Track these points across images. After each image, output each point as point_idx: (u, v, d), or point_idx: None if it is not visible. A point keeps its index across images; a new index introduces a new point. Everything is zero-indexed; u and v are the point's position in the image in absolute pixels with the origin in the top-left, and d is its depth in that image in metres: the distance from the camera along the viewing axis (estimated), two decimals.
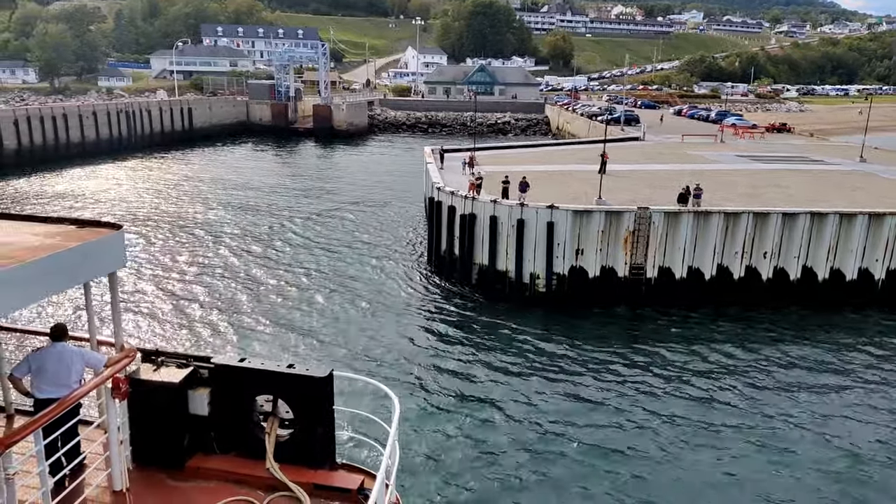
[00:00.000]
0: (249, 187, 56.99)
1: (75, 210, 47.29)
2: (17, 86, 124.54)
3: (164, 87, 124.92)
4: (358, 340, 25.90)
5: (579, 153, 50.51)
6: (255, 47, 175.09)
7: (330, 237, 40.65)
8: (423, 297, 30.78)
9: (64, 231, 7.10)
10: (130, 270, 33.91)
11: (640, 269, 28.87)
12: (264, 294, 30.60)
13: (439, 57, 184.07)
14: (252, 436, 7.77)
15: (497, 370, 23.72)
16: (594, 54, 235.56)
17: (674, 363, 24.38)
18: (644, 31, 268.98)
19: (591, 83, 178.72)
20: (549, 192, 32.52)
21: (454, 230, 31.12)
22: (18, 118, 63.76)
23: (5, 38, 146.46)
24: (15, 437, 5.72)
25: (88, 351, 7.56)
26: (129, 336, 24.22)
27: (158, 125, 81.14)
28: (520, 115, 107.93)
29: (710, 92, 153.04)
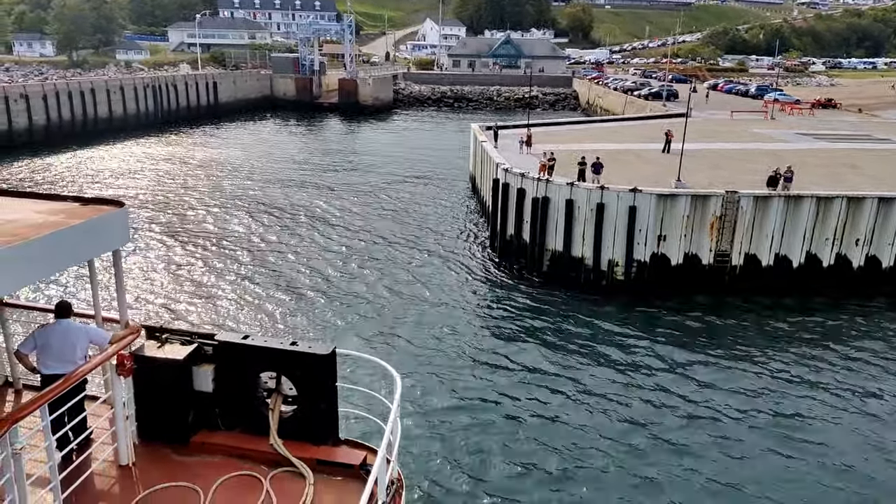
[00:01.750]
0: (279, 164, 55.66)
1: (101, 187, 46.27)
2: (34, 59, 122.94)
3: (183, 60, 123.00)
4: (414, 327, 24.80)
5: (633, 130, 48.79)
6: (272, 19, 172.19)
7: (369, 217, 39.36)
8: (487, 283, 29.51)
9: (68, 208, 7.08)
10: (144, 246, 33.42)
11: (725, 257, 27.45)
12: (299, 275, 29.57)
13: (458, 29, 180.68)
14: (256, 412, 7.77)
15: (567, 358, 22.66)
16: (614, 26, 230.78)
17: (758, 357, 23.01)
18: (664, 3, 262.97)
19: (614, 56, 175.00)
20: (617, 173, 31.06)
21: (523, 214, 29.69)
22: (47, 93, 62.40)
23: (21, 11, 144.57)
24: (22, 413, 5.76)
25: (93, 327, 7.61)
26: (135, 312, 24.28)
27: (184, 100, 79.63)
28: (547, 89, 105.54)
29: (736, 65, 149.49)
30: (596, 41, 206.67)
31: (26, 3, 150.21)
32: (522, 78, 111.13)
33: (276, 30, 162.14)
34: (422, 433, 18.35)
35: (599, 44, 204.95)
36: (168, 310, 26.15)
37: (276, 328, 24.88)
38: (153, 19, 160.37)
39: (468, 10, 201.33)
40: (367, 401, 13.39)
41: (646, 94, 75.45)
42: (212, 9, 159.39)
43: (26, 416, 5.82)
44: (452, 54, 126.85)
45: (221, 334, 8.12)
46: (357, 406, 13.03)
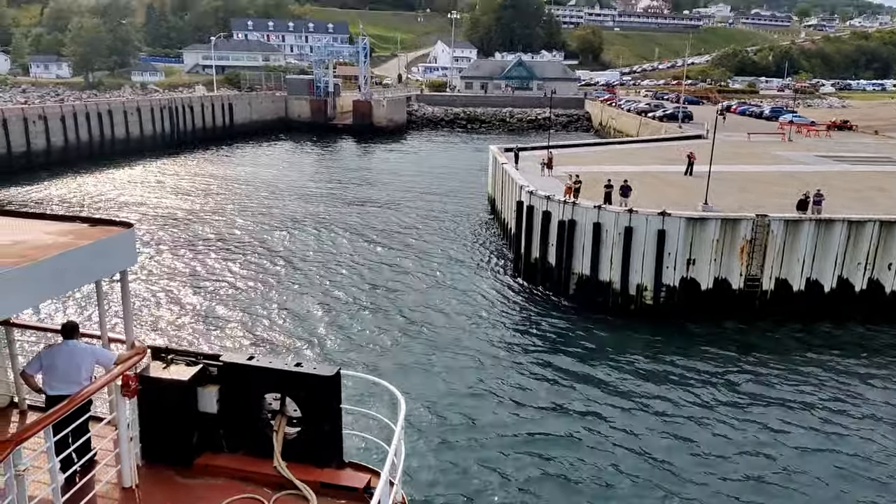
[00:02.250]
0: (294, 185, 55.77)
1: (115, 207, 46.41)
2: (51, 80, 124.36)
3: (197, 81, 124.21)
4: (431, 349, 24.55)
5: (651, 152, 48.63)
6: (286, 41, 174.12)
7: (385, 238, 39.28)
8: (510, 305, 29.18)
9: (76, 229, 7.12)
10: (152, 266, 33.46)
11: (755, 281, 27.06)
12: (312, 297, 29.35)
13: (469, 51, 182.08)
14: (260, 434, 7.71)
15: (594, 384, 22.31)
16: (623, 48, 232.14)
17: (790, 385, 22.55)
18: (672, 25, 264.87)
19: (624, 78, 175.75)
20: (641, 196, 30.80)
21: (549, 237, 29.46)
22: (65, 114, 62.91)
23: (38, 33, 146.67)
24: (26, 434, 5.74)
25: (99, 348, 7.55)
26: (141, 332, 24.11)
27: (200, 121, 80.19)
28: (559, 110, 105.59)
29: (746, 87, 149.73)
30: (606, 63, 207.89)
31: (43, 25, 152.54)
32: (534, 100, 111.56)
33: (289, 52, 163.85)
34: (428, 457, 17.98)
35: (609, 66, 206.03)
36: (175, 330, 26.07)
37: (286, 348, 24.72)
38: (168, 41, 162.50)
39: (479, 32, 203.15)
40: (371, 423, 13.45)
41: (660, 116, 75.43)
42: (226, 31, 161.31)
43: (30, 437, 5.79)
44: (465, 76, 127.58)
45: (226, 355, 8.04)
46: (361, 428, 12.73)
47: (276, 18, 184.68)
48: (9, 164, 57.00)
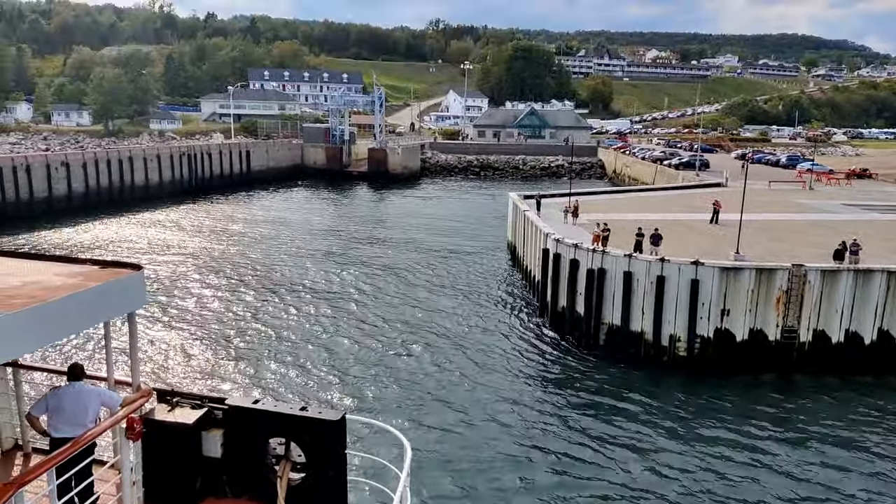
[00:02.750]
0: (310, 231, 55.66)
1: (131, 251, 46.44)
2: (72, 128, 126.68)
3: (214, 129, 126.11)
4: (452, 399, 23.88)
5: (672, 200, 48.27)
6: (301, 91, 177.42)
7: (402, 285, 38.85)
8: (536, 355, 28.41)
9: (86, 271, 7.17)
10: (162, 309, 33.31)
11: (792, 333, 26.26)
12: (326, 342, 28.72)
13: (480, 100, 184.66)
14: (264, 479, 7.57)
15: (624, 440, 21.40)
16: (633, 98, 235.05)
17: (830, 441, 21.57)
18: (681, 75, 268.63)
19: (635, 126, 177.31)
20: (669, 245, 30.24)
21: (577, 286, 28.88)
22: (87, 161, 63.60)
23: (61, 83, 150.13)
24: (28, 477, 5.74)
25: (105, 390, 7.52)
26: (148, 375, 24.51)
27: (218, 168, 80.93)
28: (573, 158, 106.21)
29: (758, 135, 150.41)
30: (615, 112, 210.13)
31: (66, 75, 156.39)
32: (547, 147, 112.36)
33: (304, 101, 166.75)
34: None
35: (619, 114, 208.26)
36: (181, 373, 25.82)
37: (294, 393, 24.24)
38: (186, 91, 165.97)
39: (490, 82, 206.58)
40: (376, 469, 13.00)
41: (676, 164, 75.43)
42: (243, 81, 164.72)
43: (32, 480, 5.75)
44: (478, 125, 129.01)
45: (232, 398, 7.94)
46: (367, 475, 12.62)
47: (292, 68, 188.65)
48: (30, 208, 57.41)
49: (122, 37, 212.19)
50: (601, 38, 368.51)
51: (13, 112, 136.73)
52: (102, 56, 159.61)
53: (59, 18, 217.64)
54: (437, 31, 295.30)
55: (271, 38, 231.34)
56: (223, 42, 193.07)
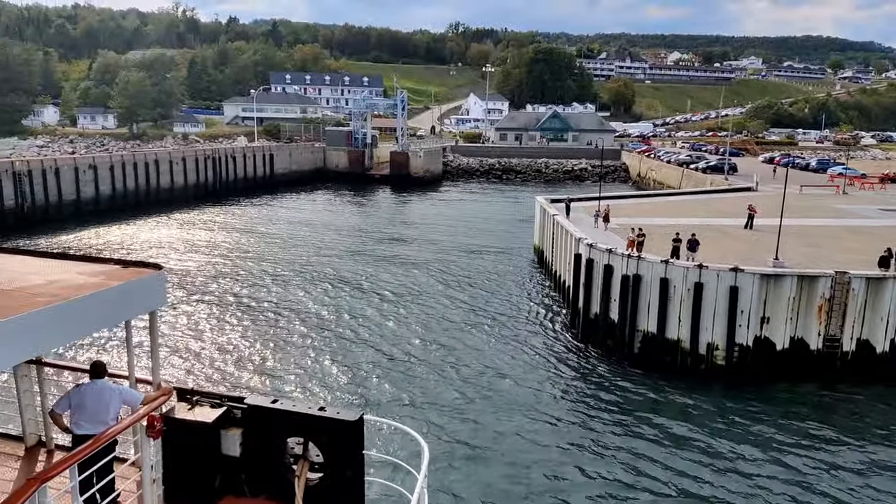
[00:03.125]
0: (334, 233, 55.51)
1: (154, 252, 46.66)
2: (97, 131, 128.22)
3: (237, 132, 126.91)
4: (479, 407, 23.38)
5: (703, 204, 47.45)
6: (322, 94, 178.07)
7: (426, 288, 38.51)
8: (566, 363, 27.84)
9: (108, 271, 7.25)
10: (183, 309, 33.57)
11: (835, 342, 25.48)
12: (348, 344, 28.34)
13: (501, 103, 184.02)
14: (282, 478, 7.59)
15: (660, 451, 20.80)
16: (655, 100, 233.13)
17: (874, 454, 20.78)
18: (704, 78, 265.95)
19: (658, 129, 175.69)
20: (704, 250, 29.60)
21: (610, 292, 28.31)
22: (114, 164, 64.08)
23: (86, 86, 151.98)
24: (51, 473, 5.76)
25: (126, 388, 7.60)
26: (168, 373, 24.39)
27: (242, 171, 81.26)
28: (596, 161, 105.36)
29: (784, 138, 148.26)
30: (637, 115, 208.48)
31: (91, 79, 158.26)
32: (570, 151, 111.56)
33: (325, 104, 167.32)
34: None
35: (641, 117, 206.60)
36: (201, 372, 25.85)
37: (313, 394, 24.05)
38: (209, 94, 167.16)
39: (510, 85, 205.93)
40: (394, 470, 12.88)
41: (703, 168, 74.37)
42: (265, 84, 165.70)
43: (55, 475, 5.81)
44: (500, 128, 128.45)
45: (251, 397, 7.96)
46: (384, 475, 12.53)
47: (313, 72, 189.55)
48: (59, 210, 57.93)
49: (145, 41, 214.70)
50: (622, 41, 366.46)
51: (40, 115, 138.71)
52: (127, 60, 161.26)
53: (85, 23, 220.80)
54: (457, 34, 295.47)
55: (292, 41, 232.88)
56: (245, 46, 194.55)
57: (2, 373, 9.11)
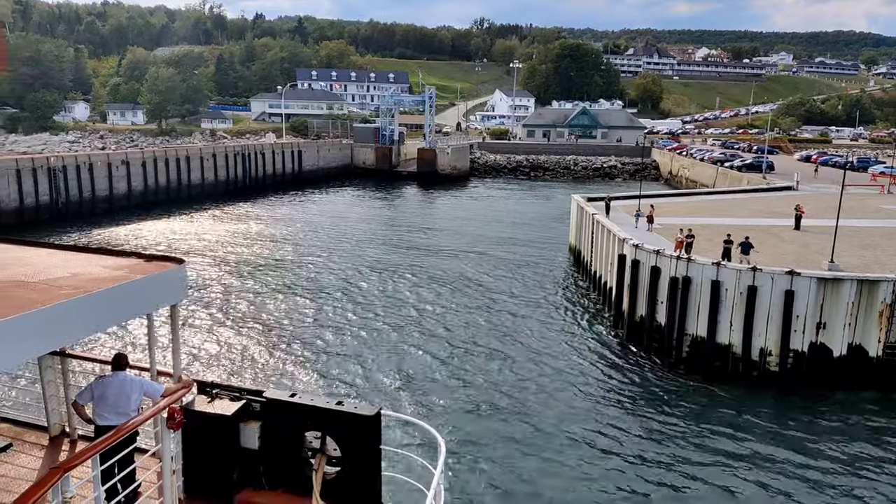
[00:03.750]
0: (362, 231, 55.02)
1: (183, 249, 46.66)
2: (127, 127, 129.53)
3: (264, 129, 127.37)
4: (514, 408, 22.81)
5: (748, 204, 46.24)
6: (348, 90, 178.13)
7: (460, 286, 38.06)
8: (610, 366, 27.07)
9: (130, 264, 7.34)
10: (205, 303, 33.80)
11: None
12: (375, 341, 27.72)
13: (527, 99, 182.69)
14: (300, 472, 7.66)
15: (708, 460, 20.08)
16: (683, 97, 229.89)
17: None
18: (733, 74, 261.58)
19: (687, 126, 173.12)
20: (753, 252, 28.58)
21: (657, 294, 27.45)
22: (146, 160, 64.32)
23: (116, 83, 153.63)
24: (74, 462, 5.86)
25: (148, 380, 7.67)
26: (189, 366, 24.54)
27: (271, 168, 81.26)
28: (626, 158, 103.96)
29: (818, 136, 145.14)
30: (665, 112, 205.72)
31: (120, 75, 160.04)
32: (598, 148, 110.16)
33: (350, 101, 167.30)
34: None
35: (668, 114, 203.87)
36: (221, 365, 25.94)
37: (333, 389, 23.90)
38: (235, 90, 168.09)
39: (535, 81, 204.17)
40: (410, 465, 13.05)
41: (739, 166, 72.78)
42: (291, 81, 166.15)
43: (78, 465, 5.91)
44: (527, 124, 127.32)
45: (270, 391, 8.02)
46: (400, 470, 12.69)
47: (339, 68, 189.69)
48: (92, 206, 58.25)
49: (173, 38, 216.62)
50: (648, 37, 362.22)
51: (71, 111, 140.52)
52: (156, 56, 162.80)
53: (114, 20, 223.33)
54: (482, 29, 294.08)
55: (318, 38, 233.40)
56: (272, 42, 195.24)
57: (28, 364, 9.08)
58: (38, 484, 5.54)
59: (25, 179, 53.26)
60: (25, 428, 8.93)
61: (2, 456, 8.02)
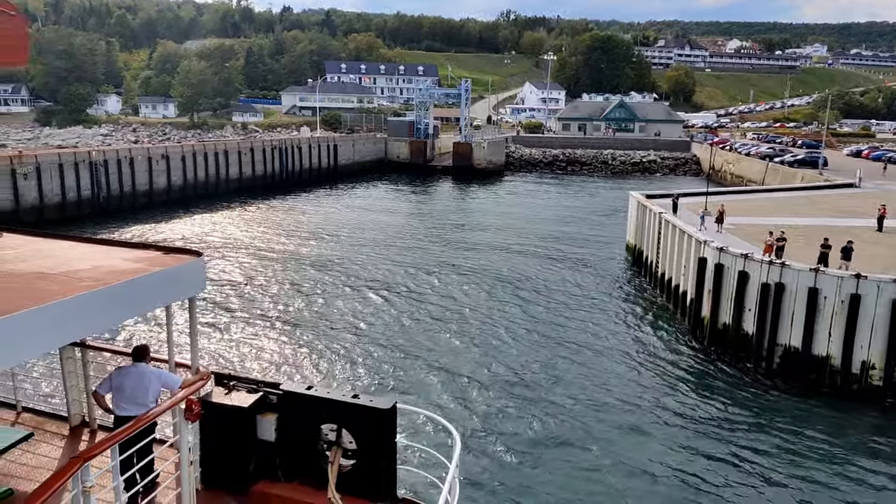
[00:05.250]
0: (401, 228, 53.83)
1: (218, 245, 46.02)
2: (158, 120, 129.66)
3: (295, 122, 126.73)
4: (583, 423, 21.47)
5: (815, 202, 44.19)
6: (377, 83, 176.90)
7: (507, 284, 36.84)
8: (688, 376, 25.58)
9: (150, 256, 7.52)
10: (226, 295, 33.89)
11: None
12: (417, 347, 26.38)
13: (558, 92, 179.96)
14: (316, 464, 7.64)
15: (800, 478, 18.74)
16: (716, 90, 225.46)
17: None
18: (767, 66, 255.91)
19: (722, 119, 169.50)
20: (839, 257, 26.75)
21: (744, 301, 25.79)
22: (185, 154, 63.69)
23: (147, 76, 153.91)
24: (93, 451, 5.89)
25: (166, 372, 7.80)
26: (207, 358, 24.10)
27: (307, 162, 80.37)
28: (664, 153, 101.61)
29: (860, 130, 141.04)
30: (698, 105, 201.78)
31: (151, 68, 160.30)
32: (637, 142, 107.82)
33: (379, 94, 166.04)
34: None
35: (701, 107, 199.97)
36: (239, 358, 25.88)
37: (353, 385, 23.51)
38: (265, 83, 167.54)
39: (565, 73, 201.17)
40: (426, 459, 13.06)
41: (790, 161, 70.29)
42: (319, 74, 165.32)
43: (97, 454, 5.94)
44: (562, 118, 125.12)
45: (286, 383, 8.07)
46: (416, 464, 12.70)
47: (368, 61, 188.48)
48: (133, 201, 57.70)
49: (201, 31, 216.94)
50: (674, 29, 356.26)
51: (104, 104, 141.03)
52: (187, 49, 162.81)
53: (144, 13, 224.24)
54: (509, 21, 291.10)
55: (345, 30, 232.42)
56: (301, 35, 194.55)
57: (49, 355, 9.32)
58: (59, 473, 5.61)
59: (68, 174, 52.74)
60: (47, 418, 9.09)
61: (24, 445, 8.13)
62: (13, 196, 49.05)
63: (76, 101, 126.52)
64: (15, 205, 48.94)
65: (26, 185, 49.91)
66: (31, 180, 50.20)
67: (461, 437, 7.92)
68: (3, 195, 48.45)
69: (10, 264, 6.93)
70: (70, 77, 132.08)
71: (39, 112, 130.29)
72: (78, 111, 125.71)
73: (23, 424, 8.83)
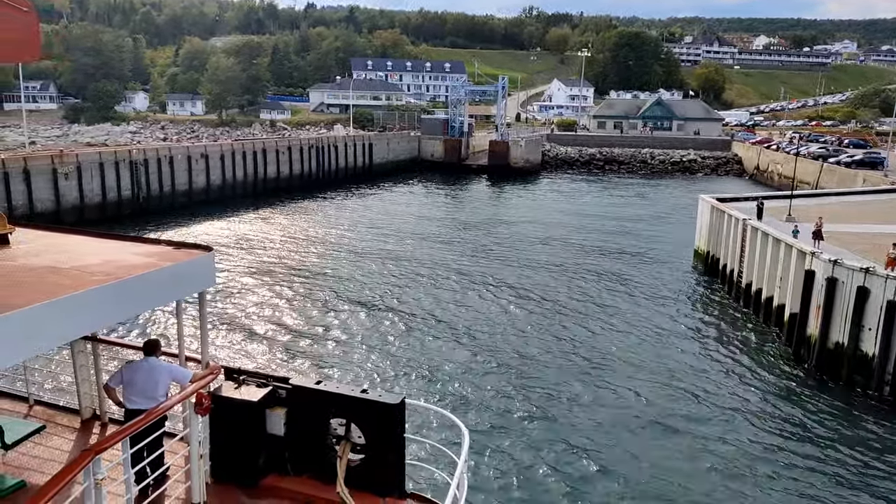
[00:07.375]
0: (444, 232, 51.72)
1: (259, 246, 44.67)
2: (186, 117, 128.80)
3: (324, 120, 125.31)
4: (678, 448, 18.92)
5: (891, 206, 41.67)
6: (403, 80, 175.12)
7: (565, 294, 35.00)
8: (798, 400, 23.43)
9: (161, 251, 7.55)
10: (239, 290, 33.62)
11: None
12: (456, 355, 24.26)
13: (586, 90, 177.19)
14: (325, 459, 7.69)
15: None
16: (746, 87, 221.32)
17: None
18: (797, 63, 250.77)
19: (755, 117, 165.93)
20: None
21: (863, 319, 23.56)
22: (224, 153, 62.26)
23: (174, 73, 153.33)
24: (105, 445, 5.96)
25: (176, 366, 7.80)
26: (217, 352, 24.53)
27: (343, 161, 78.71)
28: (705, 152, 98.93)
29: None
30: (728, 102, 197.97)
31: (178, 65, 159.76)
32: (676, 140, 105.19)
33: (406, 91, 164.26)
34: None
35: (731, 105, 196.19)
36: (249, 352, 25.58)
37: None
38: (290, 81, 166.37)
39: (593, 70, 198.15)
40: (434, 454, 13.18)
41: (847, 162, 67.51)
42: (346, 71, 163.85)
43: (108, 447, 5.97)
44: (598, 115, 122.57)
45: (296, 378, 8.06)
46: (425, 459, 12.64)
47: (394, 58, 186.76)
48: (172, 201, 56.39)
49: (225, 28, 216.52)
50: (699, 25, 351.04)
51: (131, 101, 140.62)
52: (214, 46, 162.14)
53: (169, 10, 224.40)
54: (532, 17, 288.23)
55: (370, 27, 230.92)
56: (326, 32, 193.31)
57: (61, 348, 9.07)
58: (70, 465, 5.65)
59: (108, 173, 51.41)
60: (58, 411, 9.16)
61: (36, 438, 8.16)
62: (54, 196, 47.79)
63: (104, 98, 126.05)
64: (56, 205, 47.68)
65: (67, 185, 48.61)
66: (72, 180, 48.91)
67: (468, 433, 8.00)
68: (45, 195, 47.20)
69: (23, 259, 6.99)
70: (98, 74, 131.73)
71: (68, 109, 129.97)
72: (106, 108, 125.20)
73: (35, 417, 8.89)
